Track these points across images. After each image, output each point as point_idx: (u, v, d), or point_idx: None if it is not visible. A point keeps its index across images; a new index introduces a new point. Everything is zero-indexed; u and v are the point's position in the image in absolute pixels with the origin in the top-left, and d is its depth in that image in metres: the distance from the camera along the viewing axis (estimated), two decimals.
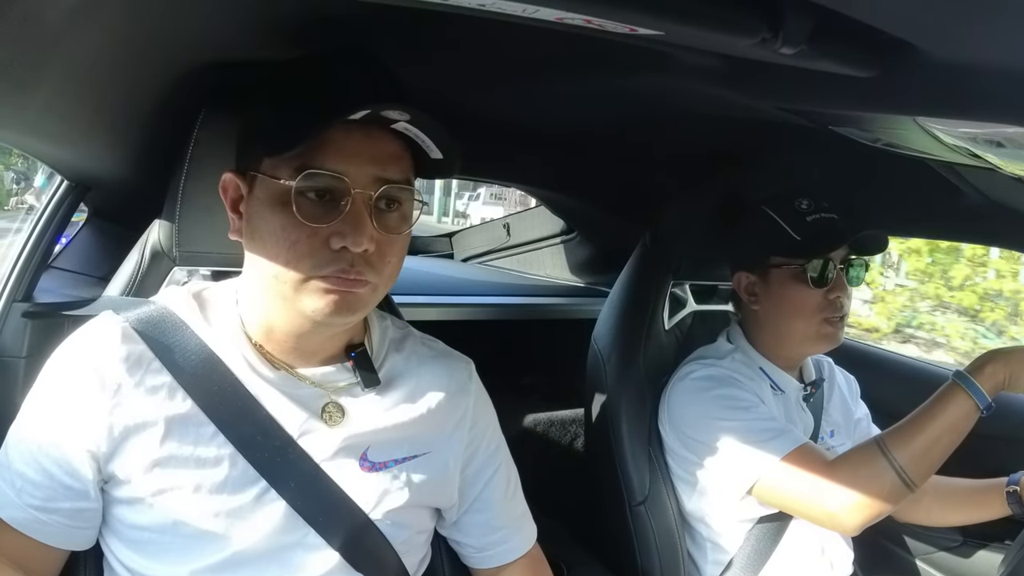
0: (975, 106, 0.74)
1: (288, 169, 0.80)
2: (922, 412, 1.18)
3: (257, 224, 0.84)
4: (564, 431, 1.91)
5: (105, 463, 0.84)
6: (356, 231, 0.79)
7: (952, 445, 1.16)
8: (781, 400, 1.41)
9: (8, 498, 0.84)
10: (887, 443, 1.17)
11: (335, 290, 0.81)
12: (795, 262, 1.34)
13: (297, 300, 0.82)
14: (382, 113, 0.78)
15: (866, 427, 1.56)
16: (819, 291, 1.33)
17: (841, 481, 1.18)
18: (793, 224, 1.34)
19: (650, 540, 1.42)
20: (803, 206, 1.35)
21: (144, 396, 0.84)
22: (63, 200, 1.24)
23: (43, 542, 0.85)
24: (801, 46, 0.67)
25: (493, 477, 1.03)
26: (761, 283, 1.40)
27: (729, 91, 0.97)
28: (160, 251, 1.04)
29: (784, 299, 1.36)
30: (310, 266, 0.81)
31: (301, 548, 0.87)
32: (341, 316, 0.84)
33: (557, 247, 2.44)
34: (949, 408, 1.16)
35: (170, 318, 0.90)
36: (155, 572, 0.85)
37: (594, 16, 0.64)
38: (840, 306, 1.35)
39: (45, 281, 1.21)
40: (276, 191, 0.81)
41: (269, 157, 0.82)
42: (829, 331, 1.36)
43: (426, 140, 0.83)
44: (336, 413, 0.91)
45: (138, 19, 0.82)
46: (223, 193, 0.88)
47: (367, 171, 0.81)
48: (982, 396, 1.14)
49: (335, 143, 0.80)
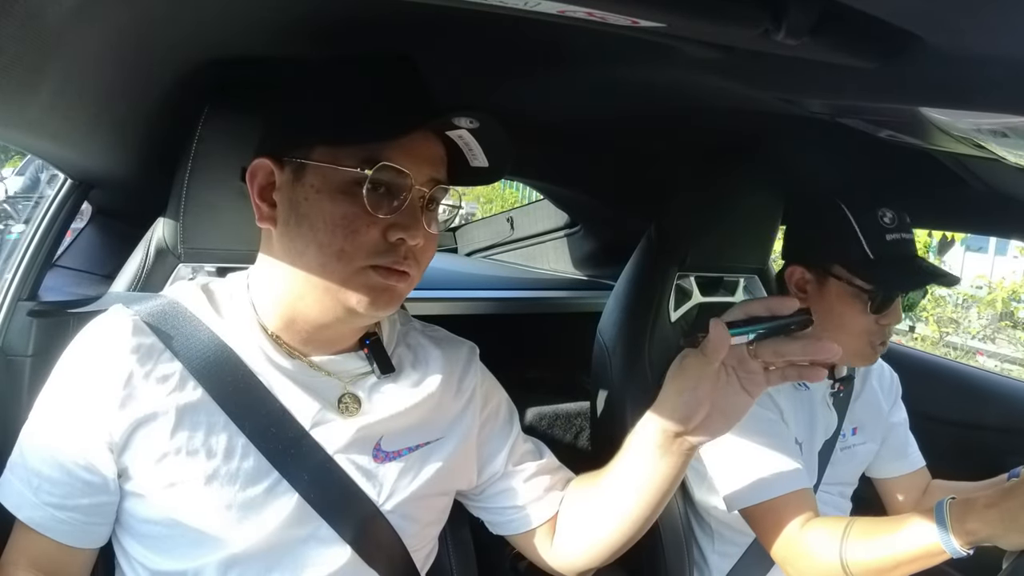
0: (980, 97, 0.74)
1: (354, 159, 0.81)
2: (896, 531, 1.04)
3: (307, 212, 0.83)
4: (570, 424, 1.91)
5: (119, 455, 0.84)
6: (414, 225, 0.83)
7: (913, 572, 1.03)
8: (805, 399, 1.37)
9: (25, 498, 0.84)
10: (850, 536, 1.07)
11: (384, 284, 0.83)
12: (861, 284, 1.26)
13: (341, 292, 0.84)
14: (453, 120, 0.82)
15: (903, 434, 1.52)
16: (874, 317, 1.27)
17: (798, 544, 1.14)
18: (870, 237, 1.26)
19: (655, 532, 1.42)
20: (886, 220, 1.26)
21: (155, 386, 0.84)
22: (67, 199, 1.24)
23: (61, 542, 0.85)
24: (804, 37, 0.66)
25: (512, 448, 1.05)
26: (815, 285, 1.32)
27: (731, 83, 0.97)
28: (165, 248, 1.04)
29: (835, 314, 1.29)
30: (366, 255, 0.82)
31: (313, 541, 0.88)
32: (382, 309, 0.86)
33: (561, 241, 2.44)
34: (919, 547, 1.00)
35: (180, 310, 0.90)
36: (166, 567, 0.85)
37: (596, 9, 0.64)
38: (889, 333, 1.30)
39: (50, 280, 1.21)
40: (339, 179, 0.82)
41: (328, 146, 0.83)
42: (869, 353, 1.31)
43: (475, 149, 0.87)
44: (352, 404, 0.92)
45: (141, 17, 0.81)
46: (250, 180, 0.88)
47: (425, 170, 0.84)
48: (954, 549, 0.96)
49: (402, 141, 0.82)
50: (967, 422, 1.79)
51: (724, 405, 0.87)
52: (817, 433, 1.38)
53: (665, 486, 0.94)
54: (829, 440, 1.40)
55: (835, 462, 1.40)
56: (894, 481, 1.53)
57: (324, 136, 0.83)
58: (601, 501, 1.00)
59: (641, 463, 0.94)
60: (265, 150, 0.88)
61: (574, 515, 1.04)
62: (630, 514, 0.97)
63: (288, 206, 0.85)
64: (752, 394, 0.86)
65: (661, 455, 0.92)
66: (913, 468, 1.52)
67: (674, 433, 0.90)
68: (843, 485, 1.45)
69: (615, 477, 0.99)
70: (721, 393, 0.87)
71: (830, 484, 1.41)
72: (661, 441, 0.91)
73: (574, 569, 1.05)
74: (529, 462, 1.07)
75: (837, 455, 1.41)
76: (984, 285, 7.49)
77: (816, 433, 1.38)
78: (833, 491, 1.43)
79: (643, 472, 0.94)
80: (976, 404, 1.80)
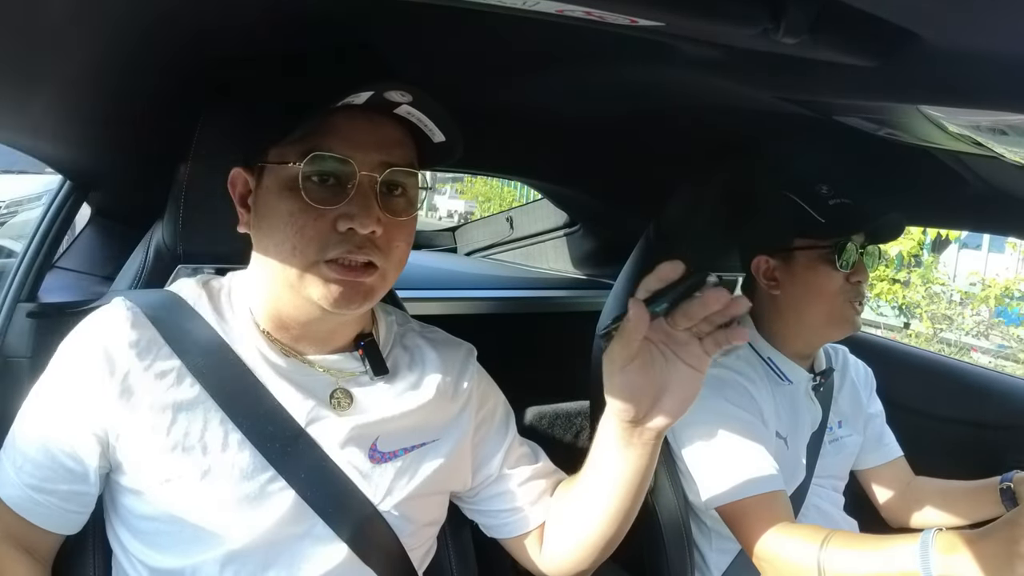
0: (979, 94, 0.74)
1: (294, 153, 0.81)
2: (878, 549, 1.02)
3: (264, 213, 0.85)
4: (569, 424, 1.91)
5: (113, 449, 0.85)
6: (363, 212, 0.81)
7: None
8: (787, 392, 1.41)
9: (7, 476, 0.86)
10: (829, 548, 1.06)
11: (342, 280, 0.82)
12: (821, 244, 1.35)
13: (303, 287, 0.83)
14: (385, 95, 0.79)
15: (879, 425, 1.56)
16: (842, 274, 1.34)
17: (775, 546, 1.14)
18: (816, 207, 1.35)
19: (656, 531, 1.42)
20: (824, 191, 1.36)
21: (153, 381, 0.84)
22: (65, 200, 1.24)
23: (33, 523, 0.86)
24: (803, 36, 0.66)
25: (508, 451, 1.05)
26: (783, 267, 1.40)
27: (730, 82, 0.97)
28: (164, 249, 1.04)
29: (808, 282, 1.36)
30: (317, 249, 0.82)
31: (309, 539, 0.88)
32: (349, 305, 0.85)
33: (560, 240, 2.45)
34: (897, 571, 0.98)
35: (180, 305, 0.91)
36: (163, 563, 0.86)
37: (595, 8, 0.64)
38: (862, 291, 1.36)
39: (49, 281, 1.21)
40: (284, 176, 0.83)
41: (275, 146, 0.83)
42: (850, 314, 1.36)
43: (428, 123, 0.84)
44: (344, 399, 0.92)
45: (138, 18, 0.81)
46: (231, 189, 0.90)
47: (372, 156, 0.83)
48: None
49: (340, 128, 0.81)
50: (966, 419, 1.79)
51: (671, 384, 0.83)
52: (803, 426, 1.41)
53: (636, 479, 0.92)
54: (816, 433, 1.43)
55: (825, 455, 1.44)
56: (873, 472, 1.57)
57: (267, 136, 0.84)
58: (579, 502, 0.99)
59: (608, 459, 0.92)
60: (240, 160, 0.90)
61: (556, 518, 1.03)
62: (606, 511, 0.96)
63: (256, 210, 0.88)
64: (697, 367, 0.82)
65: (624, 447, 0.89)
66: (890, 458, 1.56)
67: (630, 423, 0.86)
68: (835, 479, 1.48)
69: (588, 476, 0.97)
70: (663, 373, 0.83)
71: (822, 477, 1.43)
72: (621, 434, 0.89)
73: (563, 573, 1.04)
74: (525, 466, 1.06)
75: (826, 448, 1.44)
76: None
77: (801, 426, 1.41)
78: (826, 484, 1.45)
79: (612, 467, 0.92)
80: (975, 401, 1.80)
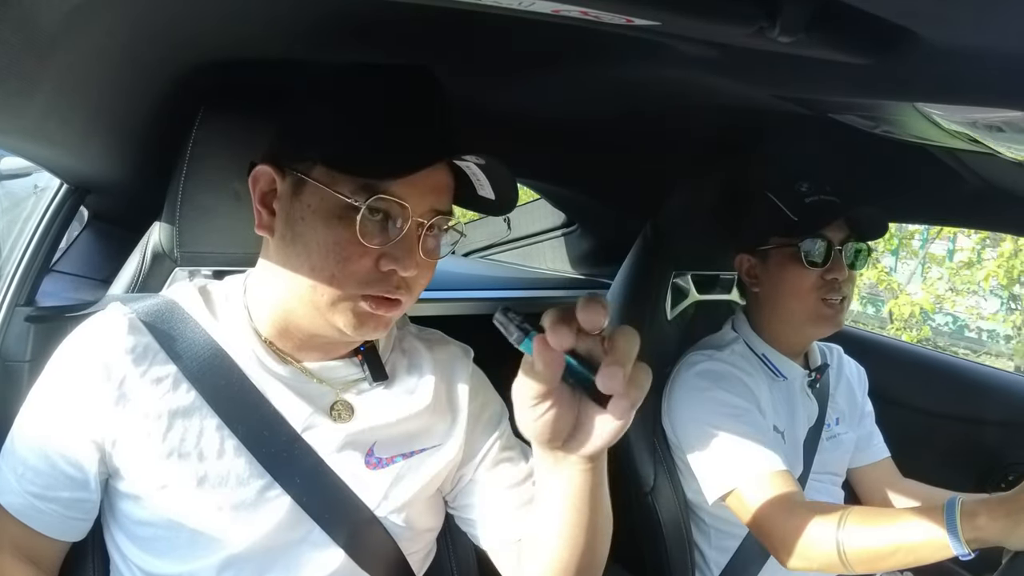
0: (975, 91, 0.74)
1: (351, 186, 0.79)
2: (898, 522, 1.04)
3: (302, 231, 0.82)
4: None
5: (110, 455, 0.84)
6: (407, 255, 0.81)
7: (908, 565, 1.05)
8: (783, 388, 1.42)
9: (9, 484, 0.86)
10: (848, 521, 1.08)
11: (372, 314, 0.82)
12: (791, 242, 1.35)
13: (330, 313, 0.83)
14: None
15: (870, 425, 1.57)
16: (815, 271, 1.34)
17: (791, 527, 1.13)
18: (791, 206, 1.36)
19: (656, 530, 1.42)
20: (803, 188, 1.36)
21: (149, 387, 0.84)
22: (63, 204, 1.24)
23: (37, 530, 0.86)
24: (798, 34, 0.66)
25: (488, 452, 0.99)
26: (761, 265, 1.42)
27: (727, 80, 0.97)
28: (161, 252, 1.04)
29: (781, 280, 1.38)
30: (356, 284, 0.81)
31: (306, 545, 0.87)
32: (370, 334, 0.85)
33: (558, 240, 2.44)
34: (922, 540, 1.00)
35: (177, 311, 0.90)
36: (160, 569, 0.85)
37: (590, 8, 0.64)
38: (838, 288, 1.35)
39: (47, 285, 1.21)
40: (334, 204, 0.80)
41: (327, 167, 0.81)
42: (827, 312, 1.36)
43: (482, 180, 0.84)
44: (345, 411, 0.91)
45: (135, 20, 0.81)
46: (252, 185, 0.87)
47: (426, 200, 0.82)
48: (960, 547, 0.97)
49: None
50: (963, 416, 1.80)
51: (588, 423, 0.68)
52: (799, 422, 1.42)
53: (583, 498, 0.78)
54: (814, 428, 1.43)
55: (823, 451, 1.44)
56: (860, 471, 1.57)
57: (325, 156, 0.81)
58: (539, 521, 0.86)
59: (547, 481, 0.79)
60: (269, 157, 0.86)
61: (529, 533, 0.91)
62: (560, 532, 0.83)
63: (285, 220, 0.84)
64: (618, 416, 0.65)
65: (556, 469, 0.75)
66: (877, 458, 1.57)
67: (548, 449, 0.72)
68: (833, 475, 1.49)
69: (539, 495, 0.85)
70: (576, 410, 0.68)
71: (821, 473, 1.44)
72: (547, 456, 0.74)
73: None
74: (507, 472, 0.98)
75: (824, 444, 1.45)
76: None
77: (798, 422, 1.42)
78: (825, 480, 1.46)
79: (554, 488, 0.79)
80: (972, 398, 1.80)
